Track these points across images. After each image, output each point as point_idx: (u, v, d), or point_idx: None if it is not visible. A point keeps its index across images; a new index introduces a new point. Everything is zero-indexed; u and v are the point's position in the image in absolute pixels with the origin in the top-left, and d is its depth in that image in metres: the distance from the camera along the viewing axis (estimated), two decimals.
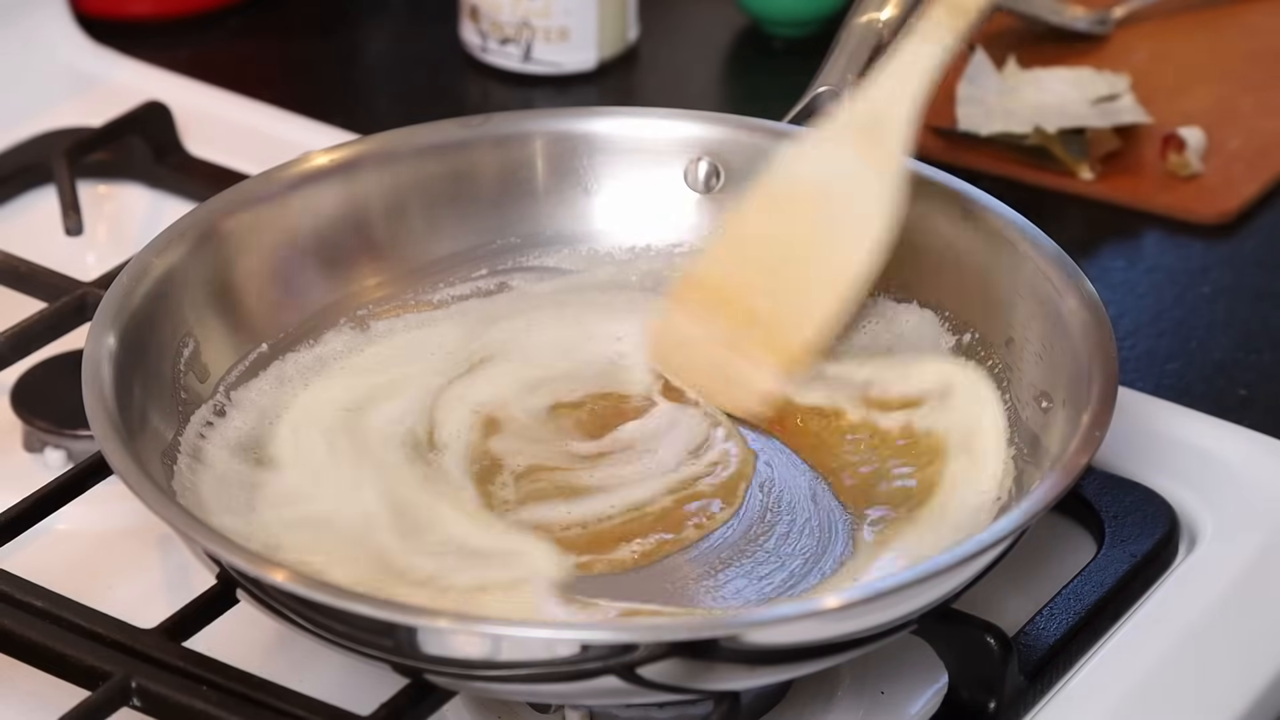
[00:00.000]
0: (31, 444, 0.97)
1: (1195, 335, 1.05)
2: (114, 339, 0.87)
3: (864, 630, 0.79)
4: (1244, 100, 1.19)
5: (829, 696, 0.86)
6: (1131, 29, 1.24)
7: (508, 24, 1.21)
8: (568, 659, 0.76)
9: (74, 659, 0.82)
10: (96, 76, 1.18)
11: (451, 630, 0.77)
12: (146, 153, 1.11)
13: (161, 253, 0.91)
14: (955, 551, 0.79)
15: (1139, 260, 1.10)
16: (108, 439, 0.83)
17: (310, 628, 0.79)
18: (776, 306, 0.90)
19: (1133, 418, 0.96)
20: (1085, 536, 0.93)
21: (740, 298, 0.90)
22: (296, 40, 1.26)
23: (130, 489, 0.81)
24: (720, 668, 0.78)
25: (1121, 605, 0.89)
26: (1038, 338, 0.89)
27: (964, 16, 0.89)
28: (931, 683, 0.86)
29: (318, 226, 0.96)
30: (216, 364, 0.92)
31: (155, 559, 0.92)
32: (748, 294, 0.90)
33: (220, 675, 0.81)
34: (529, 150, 0.98)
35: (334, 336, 0.95)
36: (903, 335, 0.94)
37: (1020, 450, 0.88)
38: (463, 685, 0.81)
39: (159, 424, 0.88)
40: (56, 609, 0.83)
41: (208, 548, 0.80)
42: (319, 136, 1.11)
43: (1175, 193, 1.13)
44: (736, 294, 0.90)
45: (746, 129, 0.97)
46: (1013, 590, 0.89)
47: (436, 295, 0.97)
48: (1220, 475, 0.94)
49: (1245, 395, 1.02)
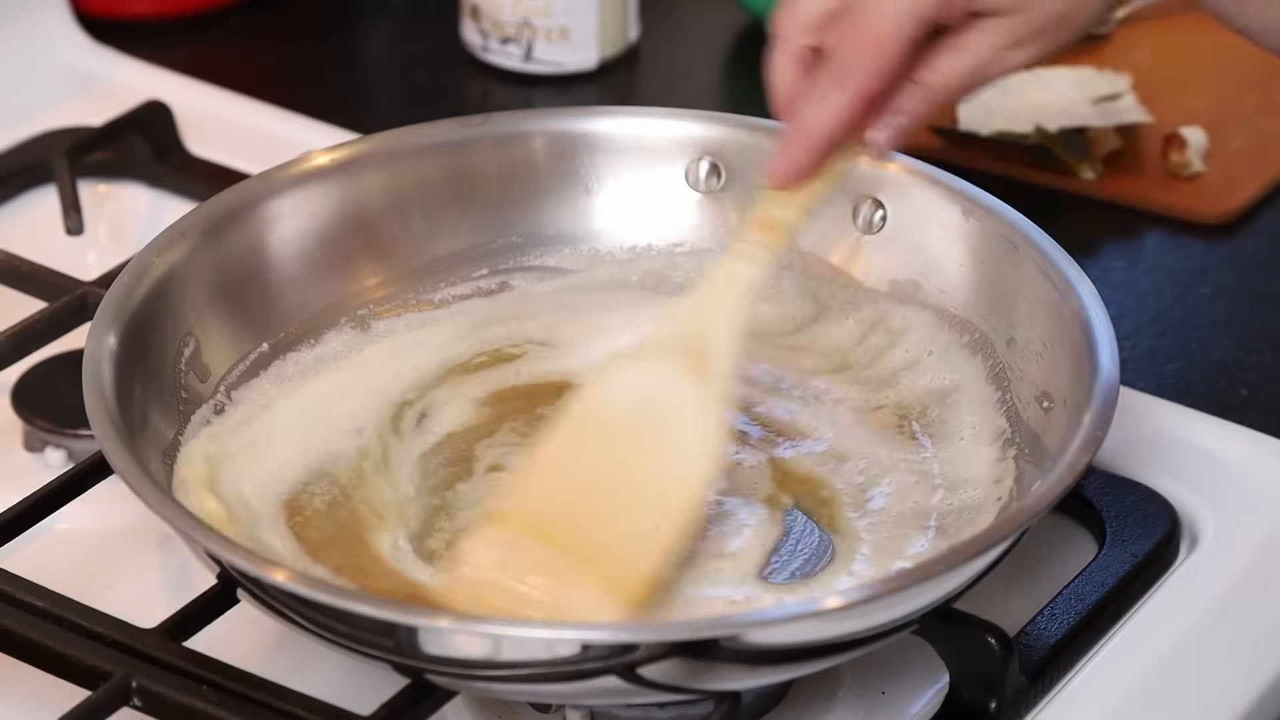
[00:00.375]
0: (32, 444, 0.97)
1: (1196, 335, 1.05)
2: (115, 339, 0.87)
3: (865, 630, 0.79)
4: (1245, 100, 1.19)
5: (830, 696, 0.86)
6: (1133, 28, 1.24)
7: (509, 23, 1.21)
8: (568, 659, 0.76)
9: (74, 659, 0.81)
10: (97, 76, 1.18)
11: (452, 630, 0.77)
12: (147, 152, 1.11)
13: (162, 252, 0.91)
14: (956, 551, 0.79)
15: (1140, 260, 1.10)
16: (108, 438, 0.82)
17: (311, 627, 0.79)
18: (609, 539, 0.83)
19: (1134, 418, 0.95)
20: (1086, 536, 0.92)
21: (564, 532, 0.83)
22: (297, 39, 1.26)
23: (131, 488, 0.81)
24: (721, 668, 0.78)
25: (1122, 605, 0.88)
26: (1039, 337, 0.89)
27: (781, 235, 0.86)
28: (932, 683, 0.86)
29: (318, 226, 0.95)
30: (217, 363, 0.92)
31: (156, 558, 0.92)
32: (574, 527, 0.83)
33: (221, 675, 0.81)
34: (530, 150, 0.98)
35: (335, 336, 0.95)
36: (903, 336, 0.94)
37: (1021, 450, 0.88)
38: (463, 685, 0.81)
39: (159, 423, 0.88)
40: (57, 609, 0.84)
41: (208, 547, 0.80)
42: (319, 136, 1.11)
43: (1176, 192, 1.13)
44: (558, 528, 0.83)
45: (748, 128, 0.97)
46: (1014, 590, 0.89)
47: (437, 295, 0.97)
48: (1221, 475, 0.94)
49: (1246, 395, 1.02)
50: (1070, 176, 1.14)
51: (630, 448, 0.85)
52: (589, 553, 0.83)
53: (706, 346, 0.85)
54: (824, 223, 0.96)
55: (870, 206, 0.95)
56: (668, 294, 0.97)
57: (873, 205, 0.95)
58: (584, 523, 0.84)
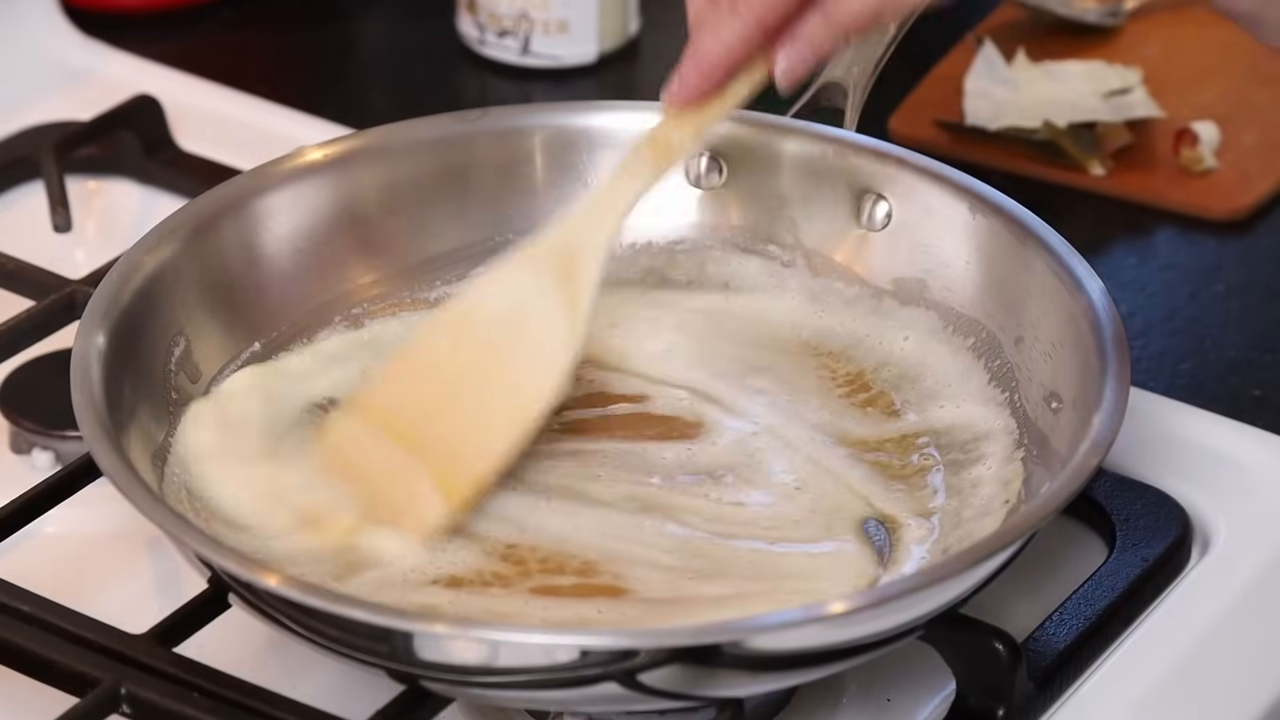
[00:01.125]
0: (19, 445, 0.97)
1: (1209, 334, 1.05)
2: (103, 338, 0.87)
3: (870, 636, 0.79)
4: (1259, 94, 1.19)
5: (834, 703, 0.86)
6: (1144, 21, 1.24)
7: (506, 16, 1.21)
8: (567, 665, 0.76)
9: (62, 665, 0.81)
10: (86, 69, 1.18)
11: (448, 636, 0.77)
12: (137, 147, 1.11)
13: (152, 250, 0.91)
14: (963, 555, 0.79)
15: (1151, 258, 1.10)
16: (97, 440, 0.82)
17: (304, 633, 0.79)
18: (450, 437, 0.86)
19: (1144, 419, 0.95)
20: (1096, 540, 0.92)
21: (414, 423, 0.87)
22: (290, 32, 1.27)
23: (120, 491, 0.81)
24: (723, 674, 0.78)
25: (1133, 610, 0.88)
26: (1047, 337, 0.89)
27: (669, 155, 0.88)
28: (939, 689, 0.86)
29: (312, 223, 0.95)
30: (208, 363, 0.91)
31: (145, 562, 0.91)
32: (421, 419, 0.87)
33: (212, 681, 0.80)
34: (528, 145, 0.98)
35: (328, 335, 0.95)
36: (908, 336, 0.94)
37: (1029, 452, 0.88)
38: (459, 692, 0.80)
39: (149, 424, 0.88)
40: (44, 614, 0.83)
41: (199, 551, 0.79)
42: (313, 131, 1.10)
43: (1188, 188, 1.13)
44: (410, 418, 0.87)
45: (748, 124, 0.97)
46: (1022, 595, 0.89)
47: (433, 293, 0.97)
48: (1234, 477, 0.93)
49: (1260, 396, 1.01)
50: (1079, 172, 1.14)
51: (487, 352, 0.87)
52: (429, 449, 0.86)
53: (576, 260, 0.88)
54: (828, 219, 0.96)
55: (874, 202, 0.95)
56: (668, 292, 0.97)
57: (877, 201, 0.95)
58: (432, 421, 0.86)
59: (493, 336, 0.87)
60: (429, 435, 0.86)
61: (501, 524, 0.86)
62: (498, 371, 0.87)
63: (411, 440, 0.86)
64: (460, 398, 0.87)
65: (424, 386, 0.88)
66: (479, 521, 0.86)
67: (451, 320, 0.89)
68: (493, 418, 0.86)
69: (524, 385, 0.87)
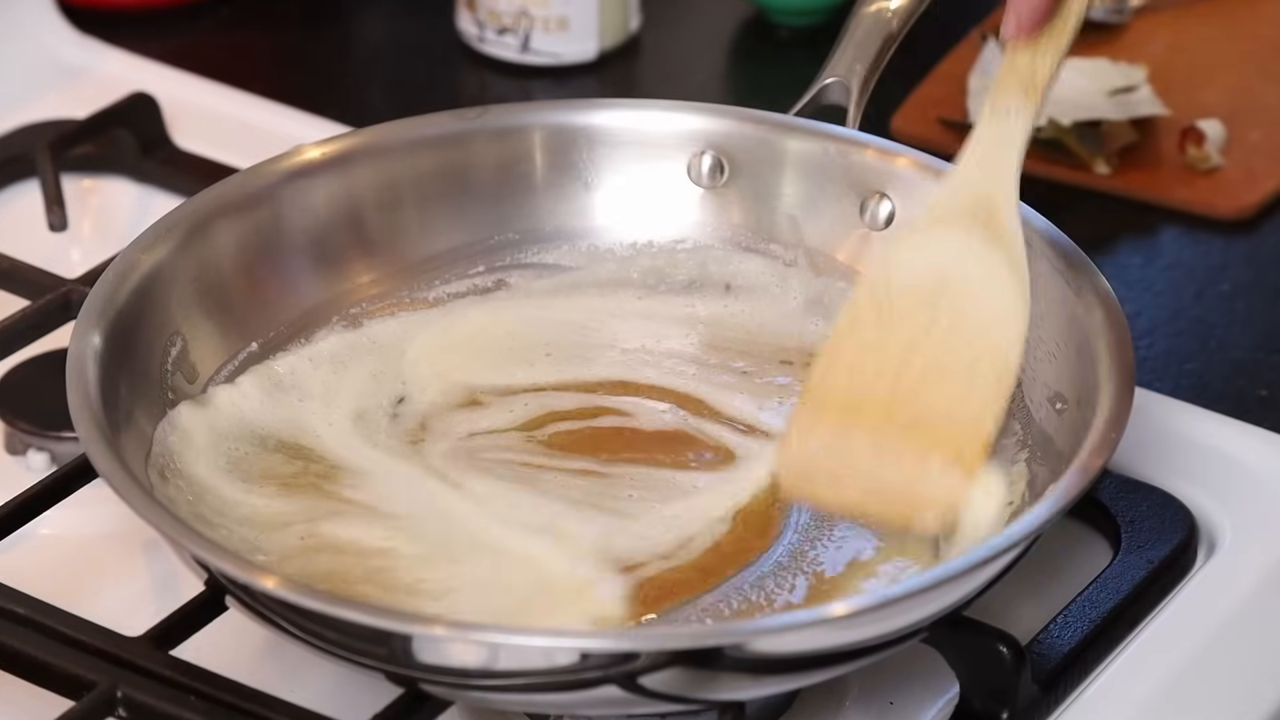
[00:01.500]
0: (14, 446, 0.97)
1: (1214, 334, 1.05)
2: (99, 338, 0.87)
3: (872, 638, 0.79)
4: (1265, 91, 1.19)
5: (837, 707, 0.86)
6: (1149, 18, 1.24)
7: (505, 13, 1.21)
8: (567, 668, 0.76)
9: (57, 668, 0.81)
10: (81, 67, 1.18)
11: (447, 638, 0.77)
12: (133, 146, 1.11)
13: (148, 249, 0.91)
14: (966, 557, 0.79)
15: (1156, 257, 1.10)
16: (93, 441, 0.82)
17: (301, 635, 0.79)
18: (940, 411, 0.85)
19: (1150, 419, 0.95)
20: (1101, 542, 0.92)
21: (888, 410, 0.85)
22: (288, 30, 1.27)
23: (116, 492, 0.80)
24: (725, 677, 0.78)
25: (1138, 613, 0.88)
26: (1051, 337, 0.89)
27: (1037, 86, 0.88)
28: (942, 692, 0.86)
29: (310, 222, 0.95)
30: (205, 363, 0.91)
31: (142, 564, 0.91)
32: (898, 404, 0.85)
33: (208, 685, 0.80)
34: (527, 143, 0.98)
35: (326, 335, 0.94)
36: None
37: (1033, 453, 0.88)
38: (459, 695, 0.80)
39: (146, 425, 0.87)
40: (39, 616, 0.83)
41: (196, 553, 0.79)
42: (311, 129, 1.10)
43: (1194, 187, 1.13)
44: (875, 404, 0.85)
45: (751, 121, 0.97)
46: (1026, 597, 0.89)
47: (432, 293, 0.97)
48: (1240, 478, 0.93)
49: (1266, 396, 1.01)
50: (1084, 171, 1.14)
51: (937, 318, 0.86)
52: (924, 428, 0.85)
53: (995, 208, 0.87)
54: (830, 218, 0.95)
55: (877, 201, 0.95)
56: (668, 292, 0.96)
57: (880, 200, 0.95)
58: (909, 400, 0.85)
59: (937, 303, 0.86)
60: (916, 414, 0.85)
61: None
62: (959, 334, 0.86)
63: (895, 423, 0.85)
64: (930, 370, 0.86)
65: (879, 370, 0.86)
66: None
67: (877, 299, 0.87)
68: (976, 380, 0.85)
69: (992, 340, 0.85)
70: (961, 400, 0.85)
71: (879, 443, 0.85)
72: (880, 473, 0.84)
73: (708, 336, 0.95)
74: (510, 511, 0.86)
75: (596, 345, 0.95)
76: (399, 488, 0.88)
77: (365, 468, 0.89)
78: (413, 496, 0.87)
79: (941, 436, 0.84)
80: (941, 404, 0.85)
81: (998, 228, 0.86)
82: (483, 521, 0.86)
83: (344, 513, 0.86)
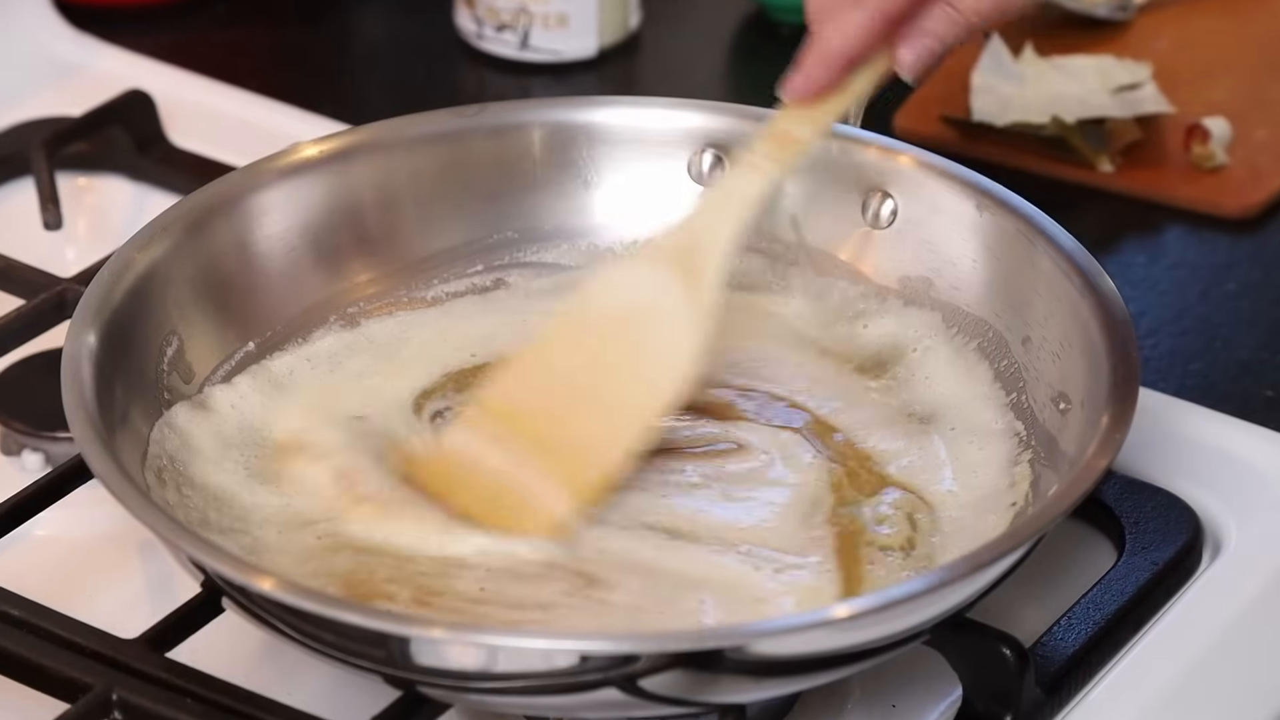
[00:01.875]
0: (9, 447, 0.97)
1: (1219, 334, 1.05)
2: (95, 337, 0.87)
3: (874, 641, 0.79)
4: (1271, 89, 1.19)
5: (838, 710, 0.85)
6: (1154, 15, 1.24)
7: (504, 10, 1.21)
8: (566, 670, 0.76)
9: (53, 670, 0.81)
10: (76, 64, 1.18)
11: (445, 640, 0.76)
12: (128, 143, 1.11)
13: (144, 247, 0.91)
14: (969, 558, 0.78)
15: (1161, 256, 1.10)
16: (88, 441, 0.82)
17: (298, 637, 0.79)
18: (574, 435, 0.87)
19: (1154, 419, 0.95)
20: (1105, 543, 0.92)
21: (535, 424, 0.87)
22: (285, 26, 1.26)
23: (111, 493, 0.80)
24: (725, 679, 0.77)
25: (1142, 615, 0.88)
26: (1055, 337, 0.89)
27: (792, 150, 0.89)
28: (945, 695, 0.85)
29: (307, 221, 0.95)
30: (201, 363, 0.91)
31: (137, 566, 0.91)
32: (544, 420, 0.87)
33: (205, 687, 0.80)
34: (526, 141, 0.98)
35: (323, 334, 0.94)
36: (913, 338, 0.93)
37: (1037, 453, 0.87)
38: (457, 698, 0.80)
39: (141, 426, 0.87)
40: (35, 618, 0.83)
41: (192, 554, 0.79)
42: (308, 127, 1.10)
43: (1199, 185, 1.13)
44: (531, 420, 0.87)
45: (752, 119, 0.96)
46: (1029, 599, 0.89)
47: (430, 292, 0.97)
48: (1245, 479, 0.93)
49: (1271, 396, 1.01)
50: (1088, 169, 1.14)
51: (610, 349, 0.88)
52: (554, 447, 0.86)
53: (700, 257, 0.88)
54: (832, 216, 0.95)
55: (880, 200, 0.95)
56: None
57: (882, 198, 0.95)
58: (555, 418, 0.87)
59: (615, 334, 0.88)
60: (553, 433, 0.86)
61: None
62: (622, 368, 0.87)
63: (534, 438, 0.86)
64: (582, 396, 0.87)
65: (545, 387, 0.88)
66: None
67: (571, 318, 0.89)
68: (617, 415, 0.87)
69: (649, 381, 0.87)
70: (599, 430, 0.86)
71: (513, 456, 0.86)
72: (497, 481, 0.86)
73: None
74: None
75: None
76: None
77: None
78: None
79: (566, 459, 0.86)
80: (581, 429, 0.86)
81: (696, 279, 0.87)
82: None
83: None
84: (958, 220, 0.93)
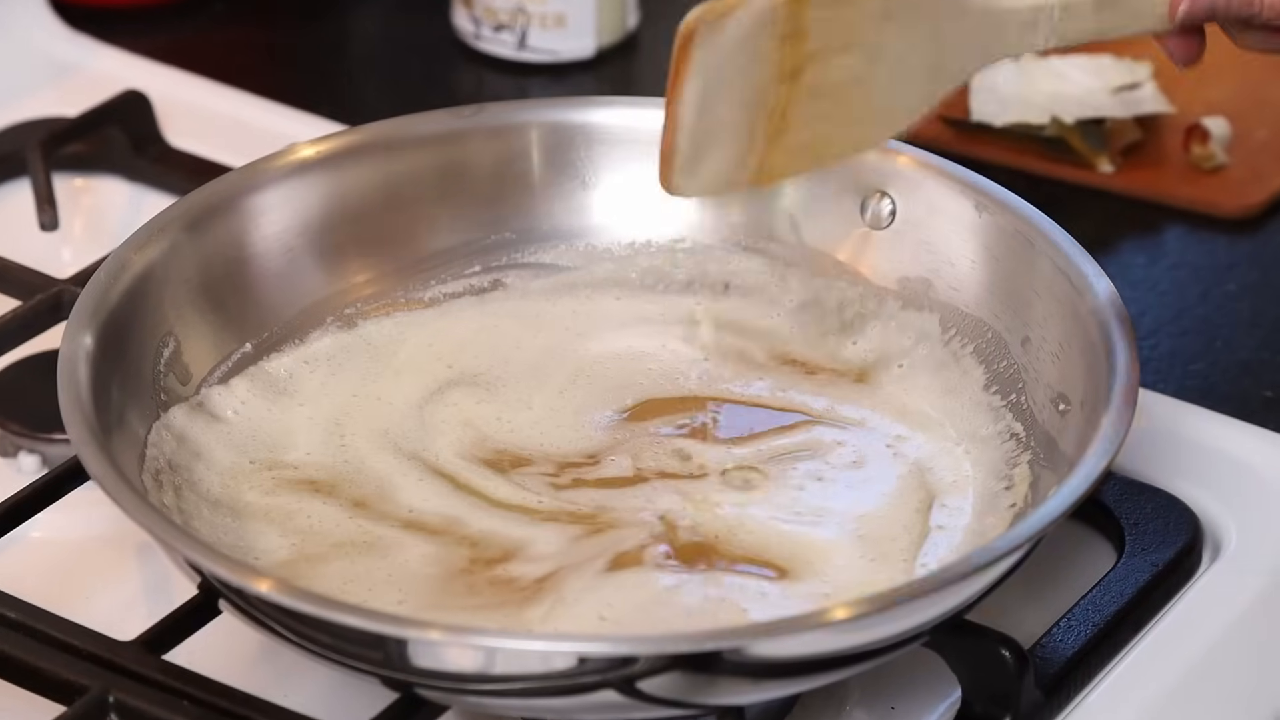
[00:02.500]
0: (5, 448, 0.97)
1: (1220, 334, 1.05)
2: (91, 338, 0.86)
3: (873, 642, 0.79)
4: (1271, 89, 1.19)
5: (837, 712, 0.85)
6: None
7: (502, 10, 1.21)
8: (564, 672, 0.76)
9: (49, 672, 0.81)
10: (73, 64, 1.18)
11: (443, 642, 0.76)
12: (125, 144, 1.11)
13: (141, 248, 0.91)
14: (968, 560, 0.78)
15: (1161, 256, 1.10)
16: (84, 443, 0.82)
17: (295, 640, 0.79)
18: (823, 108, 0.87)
19: (1154, 420, 0.95)
20: (1104, 544, 0.92)
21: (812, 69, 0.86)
22: (282, 27, 1.26)
23: (108, 495, 0.80)
24: (723, 681, 0.77)
25: (1142, 616, 0.88)
26: (1055, 337, 0.89)
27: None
28: (944, 697, 0.85)
29: (304, 221, 0.95)
30: (198, 364, 0.91)
31: (134, 568, 0.91)
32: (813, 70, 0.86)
33: (202, 689, 0.80)
34: (524, 142, 0.98)
35: (320, 335, 0.94)
36: (913, 340, 0.93)
37: (1036, 455, 0.88)
38: (455, 700, 0.80)
39: (138, 427, 0.87)
40: (31, 620, 0.83)
41: (189, 556, 0.79)
42: (305, 127, 1.10)
43: (1199, 185, 1.13)
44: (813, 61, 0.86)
45: None
46: (1029, 601, 0.89)
47: (428, 293, 0.96)
48: (1245, 480, 0.93)
49: (1271, 397, 1.01)
50: (1088, 169, 1.14)
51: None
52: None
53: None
54: (831, 217, 0.95)
55: (878, 200, 0.95)
56: (668, 292, 0.96)
57: (880, 199, 0.95)
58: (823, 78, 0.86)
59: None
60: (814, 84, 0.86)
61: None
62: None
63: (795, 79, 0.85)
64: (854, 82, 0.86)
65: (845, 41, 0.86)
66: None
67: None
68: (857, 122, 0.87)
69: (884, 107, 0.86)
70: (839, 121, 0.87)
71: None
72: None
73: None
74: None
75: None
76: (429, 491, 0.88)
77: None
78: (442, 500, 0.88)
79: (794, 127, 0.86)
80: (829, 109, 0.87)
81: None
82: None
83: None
84: (957, 221, 0.93)
